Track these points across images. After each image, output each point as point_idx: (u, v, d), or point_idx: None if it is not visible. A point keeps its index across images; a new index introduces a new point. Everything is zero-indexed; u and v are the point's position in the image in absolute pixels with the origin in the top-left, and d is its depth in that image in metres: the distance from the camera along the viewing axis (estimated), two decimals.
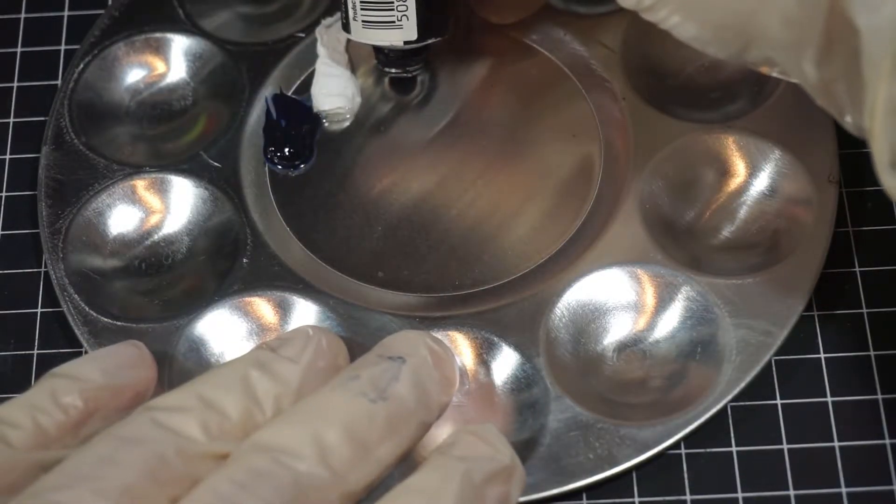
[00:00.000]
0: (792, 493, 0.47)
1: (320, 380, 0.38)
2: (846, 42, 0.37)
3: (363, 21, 0.51)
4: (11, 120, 0.56)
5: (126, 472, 0.33)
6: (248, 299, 0.50)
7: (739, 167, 0.52)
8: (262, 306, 0.50)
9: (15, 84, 0.57)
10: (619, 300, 0.50)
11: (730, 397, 0.47)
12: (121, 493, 0.33)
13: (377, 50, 0.53)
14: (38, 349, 0.51)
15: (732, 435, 0.48)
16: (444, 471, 0.35)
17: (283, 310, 0.50)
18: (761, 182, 0.52)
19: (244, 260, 0.51)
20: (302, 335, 0.39)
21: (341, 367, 0.39)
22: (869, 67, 0.36)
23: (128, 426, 0.35)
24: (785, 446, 0.48)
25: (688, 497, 0.47)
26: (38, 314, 0.52)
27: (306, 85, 0.55)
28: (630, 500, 0.47)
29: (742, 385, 0.47)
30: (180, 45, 0.56)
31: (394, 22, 0.51)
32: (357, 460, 0.35)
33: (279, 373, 0.37)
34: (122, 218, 0.53)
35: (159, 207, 0.53)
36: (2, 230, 0.54)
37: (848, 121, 0.39)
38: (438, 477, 0.35)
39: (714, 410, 0.47)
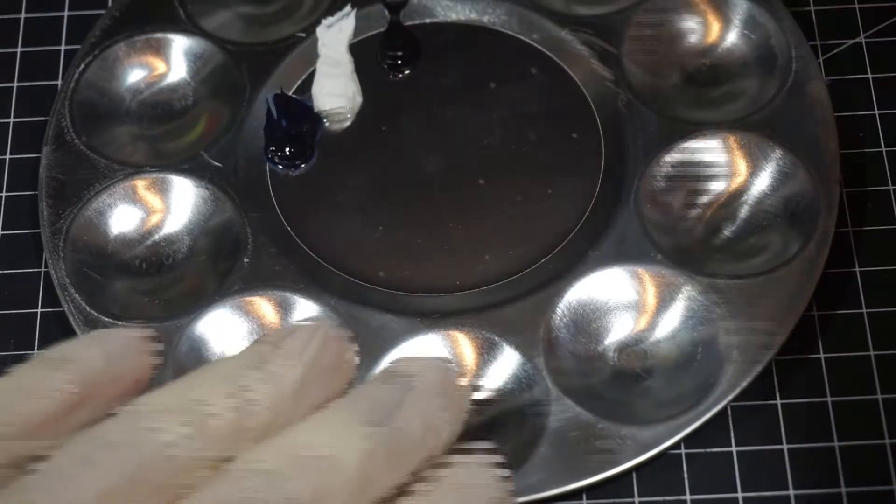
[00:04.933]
0: (792, 492, 0.47)
1: (323, 380, 0.37)
2: None
3: None
4: (12, 120, 0.56)
5: (105, 476, 0.33)
6: (248, 299, 0.50)
7: (740, 167, 0.52)
8: (263, 306, 0.50)
9: (15, 84, 0.57)
10: (620, 300, 0.50)
11: (730, 397, 0.47)
12: (98, 498, 0.32)
13: None
14: (38, 349, 0.51)
15: (732, 435, 0.48)
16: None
17: (284, 310, 0.50)
18: (762, 181, 0.52)
19: (245, 260, 0.51)
20: (306, 330, 0.39)
21: (348, 364, 0.39)
22: None
23: (111, 426, 0.34)
24: (785, 446, 0.48)
25: (688, 497, 0.47)
26: (39, 314, 0.52)
27: (307, 85, 0.55)
28: (630, 500, 0.47)
29: (742, 385, 0.47)
30: (181, 46, 0.56)
31: None
32: (356, 488, 0.34)
33: (278, 373, 0.36)
34: (122, 218, 0.53)
35: (160, 207, 0.53)
36: (2, 230, 0.54)
37: None
38: None
39: (714, 410, 0.47)
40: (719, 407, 0.47)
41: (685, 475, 0.48)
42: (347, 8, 0.56)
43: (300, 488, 0.33)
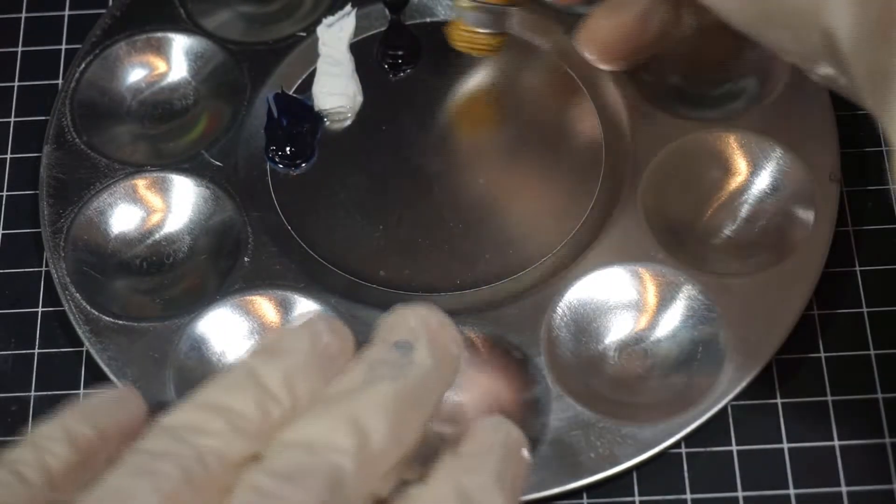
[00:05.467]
0: (792, 492, 0.47)
1: (332, 364, 0.38)
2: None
3: None
4: (13, 119, 0.56)
5: (165, 481, 0.33)
6: (249, 298, 0.50)
7: (741, 166, 0.52)
8: (264, 305, 0.50)
9: (16, 83, 0.57)
10: (621, 299, 0.50)
11: (730, 397, 0.47)
12: (162, 501, 0.33)
13: None
14: (38, 348, 0.51)
15: (732, 434, 0.48)
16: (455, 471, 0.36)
17: (285, 309, 0.50)
18: (762, 181, 0.52)
19: (245, 259, 0.51)
20: (297, 327, 0.39)
21: (349, 347, 0.39)
22: None
23: (149, 442, 0.35)
24: (785, 446, 0.48)
25: (688, 496, 0.47)
26: (39, 313, 0.52)
27: (307, 84, 0.55)
28: (630, 499, 0.47)
29: (742, 385, 0.47)
30: (181, 45, 0.56)
31: None
32: (391, 439, 0.35)
33: (286, 363, 0.37)
34: (123, 217, 0.53)
35: (160, 206, 0.53)
36: (3, 229, 0.54)
37: (883, 121, 0.36)
38: (448, 481, 0.35)
39: (714, 410, 0.47)
40: (719, 406, 0.47)
41: (685, 474, 0.48)
42: (348, 7, 0.56)
43: (342, 454, 0.34)
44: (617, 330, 0.49)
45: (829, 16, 0.37)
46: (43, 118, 0.56)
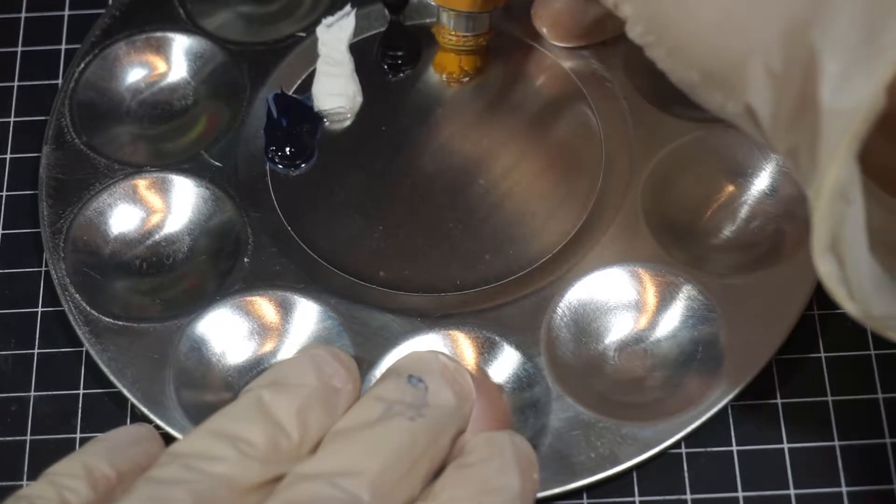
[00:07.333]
0: (792, 492, 0.47)
1: (337, 395, 0.38)
2: (813, 111, 0.35)
3: None
4: (12, 119, 0.56)
5: None
6: (249, 299, 0.50)
7: (740, 166, 0.52)
8: (264, 306, 0.50)
9: (15, 83, 0.57)
10: (621, 299, 0.50)
11: (730, 397, 0.47)
12: None
13: None
14: (38, 348, 0.51)
15: (733, 434, 0.48)
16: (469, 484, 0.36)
17: (285, 309, 0.50)
18: (762, 181, 0.52)
19: (245, 259, 0.51)
20: (303, 359, 0.39)
21: (354, 375, 0.40)
22: (824, 147, 0.35)
23: (161, 470, 0.35)
24: (785, 446, 0.48)
25: (688, 496, 0.47)
26: (39, 313, 0.52)
27: (307, 84, 0.55)
28: (631, 499, 0.47)
29: (742, 385, 0.47)
30: (181, 45, 0.56)
31: None
32: (406, 477, 0.35)
33: (296, 397, 0.37)
34: (123, 217, 0.53)
35: (160, 207, 0.53)
36: (3, 229, 0.54)
37: (808, 193, 0.37)
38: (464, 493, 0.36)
39: (714, 410, 0.47)
40: (719, 406, 0.47)
41: (685, 474, 0.48)
42: (347, 7, 0.56)
43: (360, 486, 0.34)
44: (617, 330, 0.49)
45: (750, 93, 0.38)
46: (42, 118, 0.56)
